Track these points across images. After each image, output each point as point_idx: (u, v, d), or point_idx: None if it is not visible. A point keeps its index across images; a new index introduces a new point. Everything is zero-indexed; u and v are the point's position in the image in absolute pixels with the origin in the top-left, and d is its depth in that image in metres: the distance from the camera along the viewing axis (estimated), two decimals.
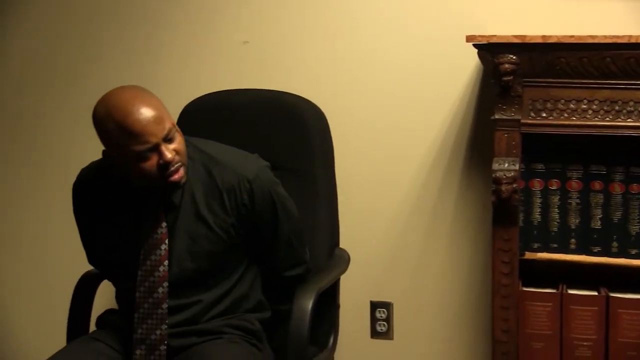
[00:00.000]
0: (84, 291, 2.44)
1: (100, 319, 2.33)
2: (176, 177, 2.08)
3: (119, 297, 2.30)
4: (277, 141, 2.44)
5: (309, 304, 2.22)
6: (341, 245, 2.53)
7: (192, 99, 2.62)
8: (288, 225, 2.24)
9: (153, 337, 2.14)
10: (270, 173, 2.23)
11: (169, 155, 2.04)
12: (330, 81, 2.72)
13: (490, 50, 2.27)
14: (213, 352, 2.12)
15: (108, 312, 2.33)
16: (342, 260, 2.49)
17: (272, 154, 2.39)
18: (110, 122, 2.02)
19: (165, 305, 2.14)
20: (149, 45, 2.86)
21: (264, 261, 2.29)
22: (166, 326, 2.14)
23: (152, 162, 2.04)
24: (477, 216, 2.68)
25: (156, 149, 2.04)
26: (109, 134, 2.04)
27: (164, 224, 2.14)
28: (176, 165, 2.07)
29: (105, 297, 2.42)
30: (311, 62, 2.74)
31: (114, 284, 2.32)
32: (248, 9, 2.79)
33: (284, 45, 2.77)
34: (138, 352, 2.14)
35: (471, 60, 2.51)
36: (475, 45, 2.30)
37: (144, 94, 2.07)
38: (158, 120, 2.02)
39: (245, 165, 2.18)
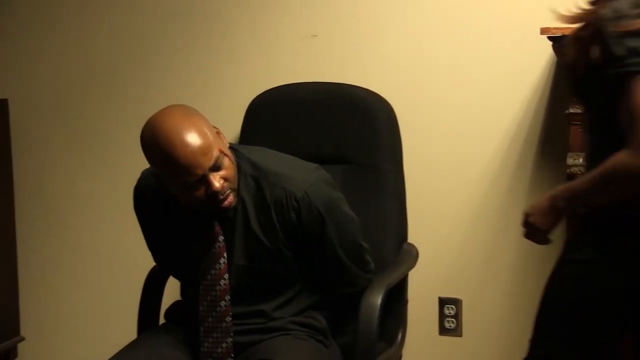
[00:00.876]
0: (153, 285, 2.47)
1: (168, 311, 2.35)
2: (226, 204, 2.05)
3: (184, 295, 2.31)
4: (345, 135, 2.42)
5: (378, 300, 2.19)
6: (409, 240, 2.51)
7: (260, 93, 2.63)
8: (340, 245, 2.16)
9: (219, 350, 2.13)
10: (325, 188, 2.14)
11: (216, 185, 2.00)
12: (399, 75, 2.68)
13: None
14: (279, 348, 2.11)
15: (176, 305, 2.35)
16: (410, 256, 2.47)
17: (339, 147, 2.38)
18: (157, 150, 2.00)
19: (229, 319, 2.13)
20: (216, 38, 2.86)
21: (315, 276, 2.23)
22: (231, 339, 2.13)
23: (200, 191, 2.02)
24: None
25: (203, 179, 2.00)
26: (156, 161, 2.04)
27: (221, 238, 2.12)
28: (226, 193, 2.04)
29: (174, 289, 2.43)
30: (380, 55, 2.71)
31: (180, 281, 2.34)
32: (317, 3, 2.77)
33: (353, 38, 2.74)
34: None
35: (545, 53, 2.45)
36: (549, 38, 2.25)
37: (191, 120, 2.01)
38: (204, 150, 1.97)
39: (296, 181, 2.11)
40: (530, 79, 2.56)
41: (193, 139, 1.97)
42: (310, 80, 2.64)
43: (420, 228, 2.59)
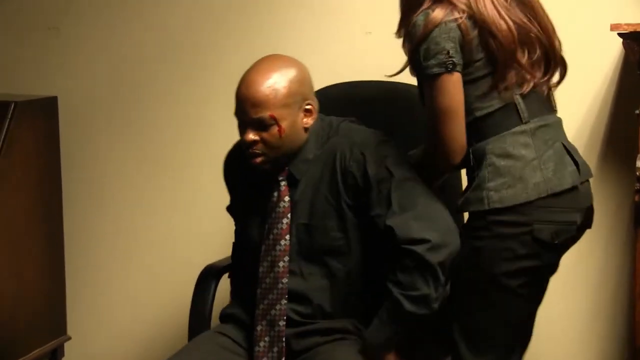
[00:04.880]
0: (205, 285, 2.40)
1: (223, 313, 2.31)
2: (252, 161, 2.09)
3: (243, 282, 2.27)
4: (402, 135, 2.34)
5: None
6: None
7: (314, 90, 2.57)
8: (396, 178, 2.05)
9: (273, 312, 2.11)
10: (384, 146, 2.11)
11: (246, 137, 2.05)
12: None
13: (637, 40, 2.14)
14: (337, 356, 2.05)
15: (231, 306, 2.30)
16: None
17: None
18: None
19: (285, 280, 2.11)
20: (272, 36, 2.82)
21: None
22: (285, 302, 2.10)
23: (242, 136, 2.08)
24: (612, 216, 2.55)
25: (244, 126, 2.06)
26: None
27: (286, 199, 2.11)
28: (254, 152, 2.06)
29: (228, 291, 2.38)
30: None
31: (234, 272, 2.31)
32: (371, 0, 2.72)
33: None
34: (259, 327, 2.12)
35: (614, 49, 2.37)
36: (620, 35, 2.17)
37: (275, 71, 2.06)
38: (255, 103, 2.03)
39: (360, 136, 2.12)
40: (598, 76, 2.49)
41: (255, 86, 2.03)
42: (365, 79, 2.59)
43: None
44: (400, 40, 2.65)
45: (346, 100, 2.47)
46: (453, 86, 1.95)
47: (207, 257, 2.39)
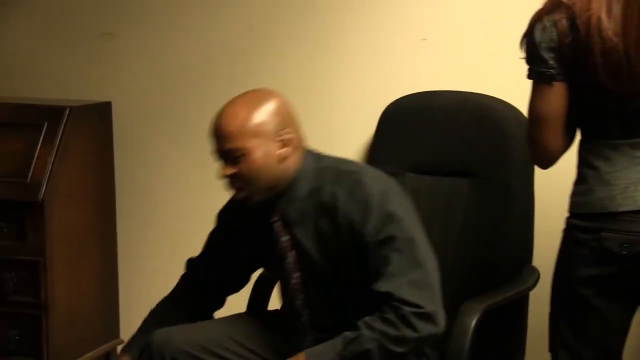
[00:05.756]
0: (261, 288, 2.44)
1: None
2: (236, 196, 2.07)
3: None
4: (473, 146, 2.33)
5: (472, 322, 2.06)
6: (536, 264, 2.36)
7: (367, 98, 2.59)
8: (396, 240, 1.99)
9: (300, 347, 2.09)
10: (388, 200, 2.01)
11: (222, 173, 2.03)
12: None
13: None
14: None
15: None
16: (526, 278, 2.30)
17: (466, 159, 2.29)
18: None
19: (305, 316, 2.13)
20: (324, 44, 2.81)
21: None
22: (310, 337, 2.11)
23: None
24: None
25: (220, 159, 2.04)
26: None
27: (284, 238, 2.09)
28: (232, 187, 2.05)
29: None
30: (497, 59, 2.59)
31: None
32: (426, 5, 2.69)
33: (465, 42, 2.65)
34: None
35: None
36: None
37: (250, 104, 2.02)
38: (226, 135, 2.00)
39: (363, 188, 2.01)
40: None
41: (228, 118, 2.01)
42: (419, 86, 2.57)
43: (549, 251, 2.43)
44: (456, 47, 2.67)
45: (420, 111, 2.44)
46: (549, 95, 1.90)
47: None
